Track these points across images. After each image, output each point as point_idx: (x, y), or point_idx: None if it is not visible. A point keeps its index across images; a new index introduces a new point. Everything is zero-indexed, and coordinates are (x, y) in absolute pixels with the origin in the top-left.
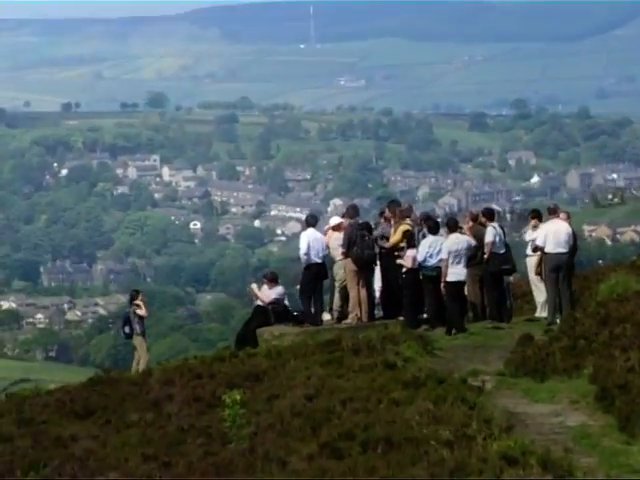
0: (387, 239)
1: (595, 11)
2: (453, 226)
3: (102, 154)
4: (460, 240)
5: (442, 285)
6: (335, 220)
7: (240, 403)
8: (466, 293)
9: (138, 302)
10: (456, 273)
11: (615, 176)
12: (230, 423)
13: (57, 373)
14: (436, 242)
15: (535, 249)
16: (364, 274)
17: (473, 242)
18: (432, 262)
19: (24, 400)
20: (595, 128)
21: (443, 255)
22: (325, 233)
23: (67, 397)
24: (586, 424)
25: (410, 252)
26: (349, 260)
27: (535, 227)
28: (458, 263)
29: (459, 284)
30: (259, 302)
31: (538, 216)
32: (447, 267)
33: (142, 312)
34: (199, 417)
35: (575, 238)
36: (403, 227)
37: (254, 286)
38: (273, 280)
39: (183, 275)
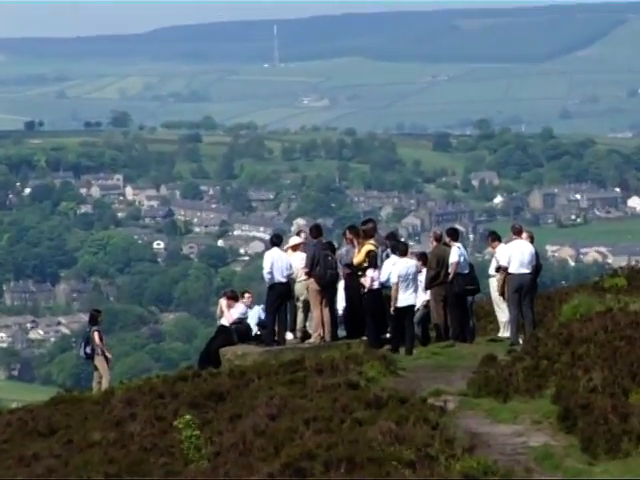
0: (349, 264)
1: (559, 32)
2: (404, 250)
3: (65, 173)
4: (410, 265)
5: (392, 310)
6: (295, 240)
7: (192, 425)
8: (431, 313)
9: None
10: (405, 298)
11: (578, 196)
12: (188, 444)
13: (19, 392)
14: (399, 262)
15: (498, 269)
16: (327, 294)
17: (419, 267)
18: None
19: None
20: (558, 148)
21: (393, 279)
22: (285, 252)
23: (29, 416)
24: (549, 444)
25: (370, 272)
26: (312, 280)
27: (494, 249)
28: (407, 287)
29: (408, 309)
30: (223, 321)
31: (497, 238)
32: (397, 291)
33: (98, 343)
34: (161, 437)
35: (538, 258)
36: (367, 247)
37: (223, 302)
38: (234, 298)
39: (146, 294)
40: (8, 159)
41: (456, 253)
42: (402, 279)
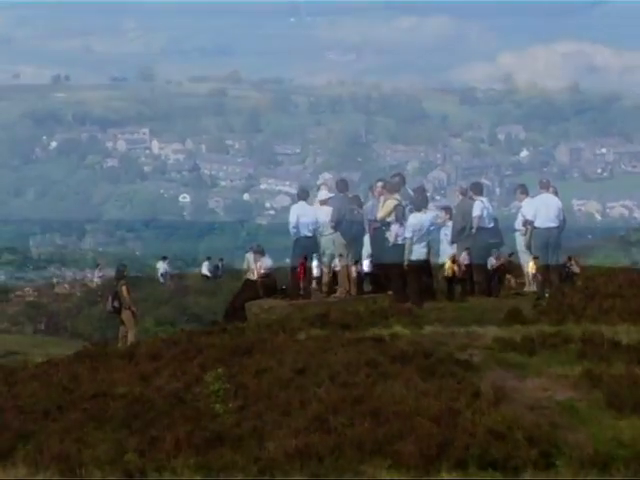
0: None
1: None
2: (418, 205)
3: (92, 127)
4: (424, 218)
5: (405, 264)
6: (323, 194)
7: (222, 379)
8: (455, 268)
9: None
10: (417, 252)
11: (604, 150)
12: (214, 398)
13: (45, 346)
14: (412, 217)
15: (525, 223)
16: (353, 248)
17: (439, 218)
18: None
19: (12, 372)
20: (585, 102)
21: (407, 234)
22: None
23: (55, 370)
24: (574, 399)
25: (394, 227)
26: (338, 234)
27: (521, 202)
28: (420, 241)
29: (420, 263)
30: (249, 275)
31: (525, 191)
32: (410, 245)
33: (126, 297)
34: (187, 391)
35: (563, 213)
36: (391, 202)
37: (250, 256)
38: (260, 253)
39: (172, 248)
40: (34, 113)
41: (479, 207)
42: (416, 233)
